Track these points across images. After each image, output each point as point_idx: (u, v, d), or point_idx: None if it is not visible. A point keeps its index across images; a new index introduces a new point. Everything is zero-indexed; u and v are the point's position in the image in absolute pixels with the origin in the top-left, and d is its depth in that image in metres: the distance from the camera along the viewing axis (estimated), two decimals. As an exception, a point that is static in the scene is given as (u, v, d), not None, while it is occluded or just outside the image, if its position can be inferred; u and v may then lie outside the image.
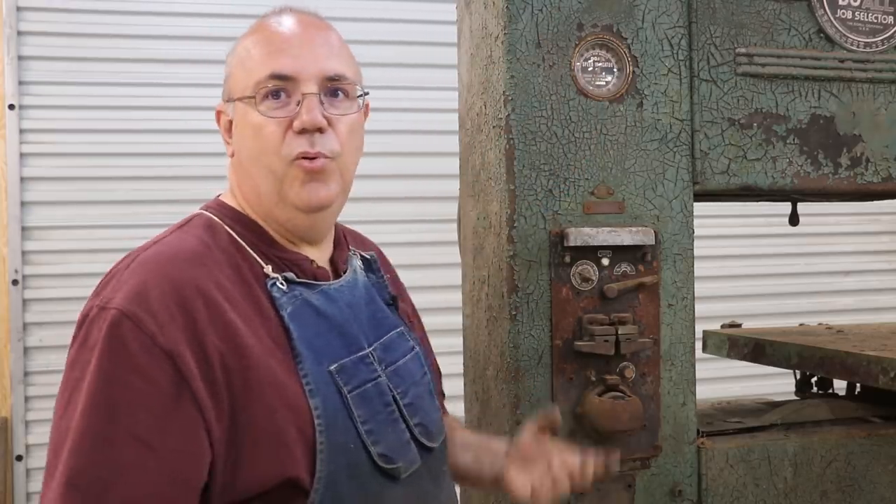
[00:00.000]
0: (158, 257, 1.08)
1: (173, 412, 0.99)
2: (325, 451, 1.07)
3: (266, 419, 1.04)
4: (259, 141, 1.15)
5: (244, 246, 1.16)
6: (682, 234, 1.67)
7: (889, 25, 1.80)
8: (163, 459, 0.98)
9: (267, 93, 1.14)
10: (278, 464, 1.04)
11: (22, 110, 3.61)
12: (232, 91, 1.19)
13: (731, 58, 1.70)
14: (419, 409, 1.24)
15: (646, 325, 1.63)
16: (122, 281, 1.05)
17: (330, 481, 1.07)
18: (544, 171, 1.61)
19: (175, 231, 1.16)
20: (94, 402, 0.98)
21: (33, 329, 3.61)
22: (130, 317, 1.00)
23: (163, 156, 3.69)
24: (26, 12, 3.63)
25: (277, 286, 1.13)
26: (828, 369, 1.91)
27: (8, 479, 3.54)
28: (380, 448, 1.14)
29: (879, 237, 4.52)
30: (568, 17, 1.62)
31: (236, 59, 1.20)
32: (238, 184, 1.22)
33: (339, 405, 1.11)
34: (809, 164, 1.75)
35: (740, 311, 3.45)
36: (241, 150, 1.19)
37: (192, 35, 3.72)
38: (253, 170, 1.17)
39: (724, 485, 1.69)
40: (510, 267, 1.59)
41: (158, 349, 0.99)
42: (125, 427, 0.97)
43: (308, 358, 1.11)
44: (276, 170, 1.14)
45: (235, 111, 1.18)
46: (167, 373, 0.99)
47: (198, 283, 1.05)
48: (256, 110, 1.14)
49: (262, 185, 1.16)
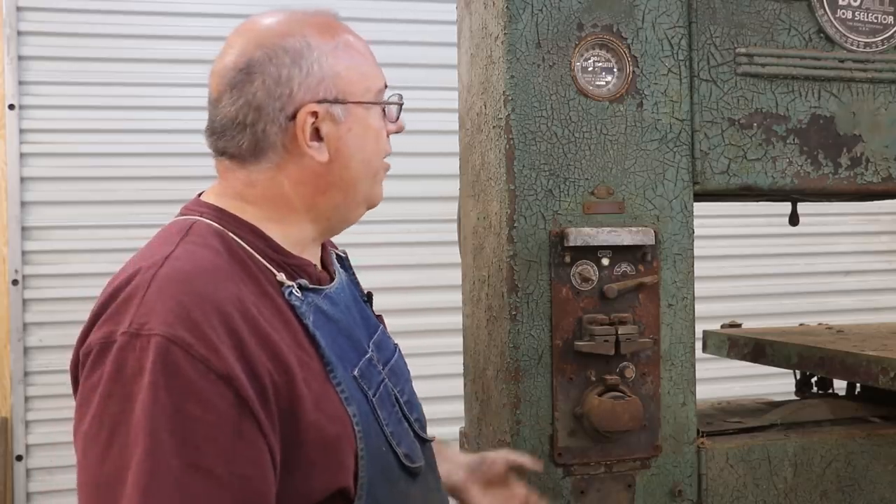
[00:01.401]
0: (184, 275, 1.00)
1: (238, 439, 0.95)
2: (365, 458, 1.07)
3: (314, 433, 1.02)
4: (378, 145, 1.20)
5: (254, 254, 1.10)
6: (682, 234, 1.67)
7: (889, 25, 1.80)
8: (233, 489, 0.94)
9: (396, 101, 1.23)
10: (330, 476, 1.03)
11: (22, 110, 3.61)
12: (345, 94, 1.15)
13: (731, 58, 1.70)
14: (414, 405, 1.26)
15: (646, 325, 1.63)
16: (149, 303, 0.97)
17: (371, 486, 1.07)
18: (544, 171, 1.61)
19: (180, 242, 1.07)
20: (156, 437, 0.91)
21: (33, 329, 3.61)
22: (179, 343, 0.94)
23: (163, 156, 3.69)
24: (26, 12, 3.63)
25: (295, 294, 1.10)
26: (828, 369, 1.91)
27: (8, 479, 3.54)
28: (403, 448, 1.15)
29: (879, 237, 4.52)
30: (568, 17, 1.61)
31: (337, 63, 1.15)
32: (313, 191, 1.16)
33: (368, 410, 1.11)
34: (809, 164, 1.75)
35: (740, 311, 3.45)
36: (354, 154, 1.16)
37: (192, 35, 3.72)
38: (362, 173, 1.18)
39: (724, 485, 1.69)
40: (510, 267, 1.59)
41: (214, 374, 0.94)
42: (193, 460, 0.92)
43: (337, 366, 1.09)
44: (380, 174, 1.22)
45: (348, 114, 1.15)
46: (227, 398, 0.94)
47: (234, 299, 1.00)
48: (383, 116, 1.21)
49: (360, 188, 1.19)
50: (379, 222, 3.80)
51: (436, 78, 3.73)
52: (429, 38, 3.84)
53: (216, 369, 0.94)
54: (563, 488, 1.59)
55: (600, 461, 1.61)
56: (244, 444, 0.95)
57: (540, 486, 1.58)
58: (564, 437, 1.59)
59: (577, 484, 1.60)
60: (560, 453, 1.59)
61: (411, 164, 3.87)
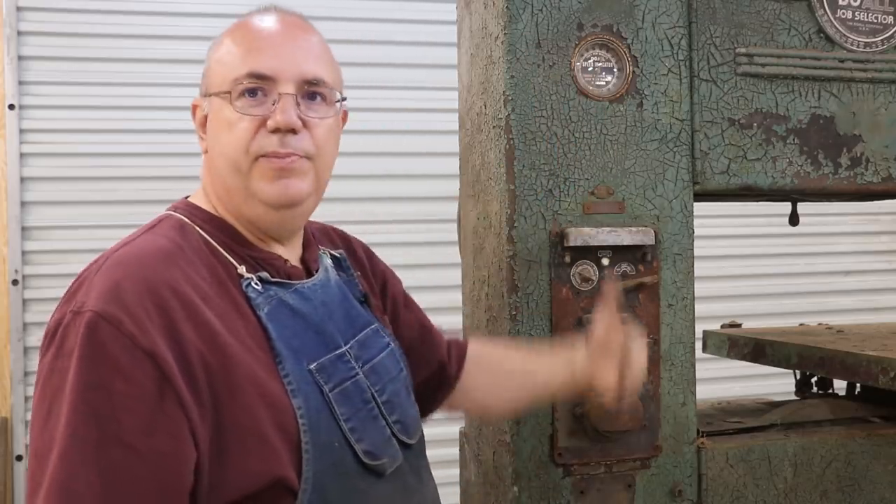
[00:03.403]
0: (129, 258, 1.05)
1: (158, 414, 0.97)
2: (310, 451, 1.07)
3: (250, 419, 1.03)
4: (231, 137, 1.14)
5: (216, 246, 1.15)
6: (682, 234, 1.67)
7: (889, 25, 1.80)
8: (150, 462, 0.96)
9: (243, 90, 1.13)
10: (265, 464, 1.03)
11: (22, 110, 3.61)
12: (209, 86, 1.18)
13: (731, 58, 1.70)
14: (397, 406, 1.24)
15: (646, 325, 1.63)
16: (93, 284, 1.02)
17: (317, 481, 1.07)
18: (544, 171, 1.61)
19: (144, 233, 1.13)
20: (78, 409, 0.95)
21: (33, 329, 3.61)
22: (108, 318, 0.98)
23: (163, 156, 3.69)
24: (26, 12, 3.63)
25: (252, 286, 1.12)
26: (828, 369, 1.91)
27: (8, 479, 3.54)
28: (364, 445, 1.14)
29: (879, 237, 4.52)
30: (568, 17, 1.61)
31: (215, 55, 1.19)
32: (210, 181, 1.21)
33: (321, 404, 1.11)
34: (809, 164, 1.75)
35: (740, 311, 3.45)
36: (213, 146, 1.18)
37: (192, 35, 3.72)
38: (222, 166, 1.16)
39: (724, 485, 1.69)
40: (510, 267, 1.59)
41: (139, 350, 0.97)
42: (111, 432, 0.95)
43: (288, 358, 1.10)
44: (242, 166, 1.14)
45: (211, 106, 1.18)
46: (149, 374, 0.97)
47: (172, 282, 1.03)
48: (231, 106, 1.14)
49: (230, 181, 1.16)
50: (379, 222, 3.81)
51: (436, 78, 3.73)
52: (429, 38, 3.84)
53: (141, 345, 0.97)
54: (563, 488, 1.59)
55: (600, 461, 1.61)
56: (165, 419, 0.97)
57: (540, 487, 1.58)
58: (564, 437, 1.59)
59: (577, 484, 1.60)
60: (560, 453, 1.59)
61: (411, 164, 3.87)
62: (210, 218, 1.18)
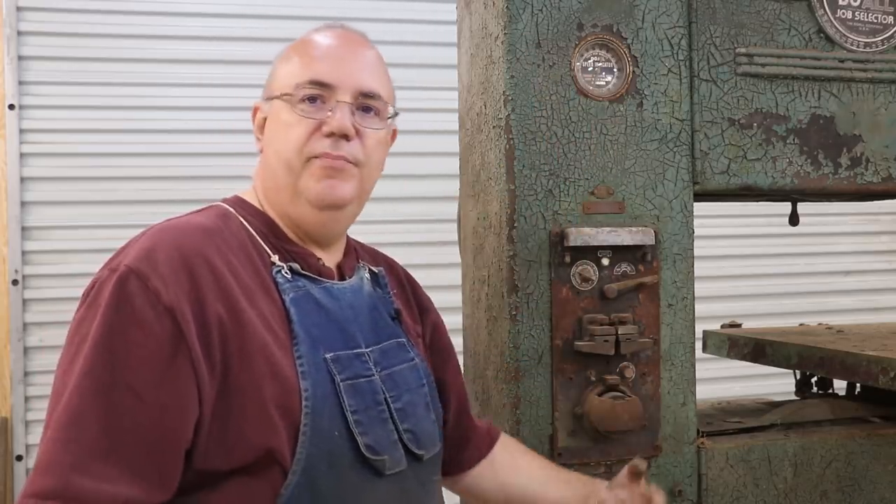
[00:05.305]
0: (169, 228, 1.14)
1: (169, 369, 1.03)
2: (307, 435, 1.09)
3: (255, 389, 1.07)
4: (287, 137, 1.21)
5: (255, 236, 1.21)
6: (682, 234, 1.67)
7: (889, 25, 1.80)
8: (153, 412, 1.01)
9: (304, 96, 1.21)
10: (261, 436, 1.06)
11: (22, 110, 3.61)
12: (272, 90, 1.26)
13: (731, 58, 1.70)
14: (410, 415, 1.24)
15: (646, 325, 1.63)
16: (131, 247, 1.10)
17: (308, 465, 1.08)
18: (544, 171, 1.61)
19: (189, 215, 1.21)
20: (97, 350, 1.01)
21: (33, 329, 3.61)
22: (137, 273, 1.05)
23: (163, 156, 3.69)
24: (26, 12, 3.63)
25: (282, 274, 1.18)
26: (828, 369, 1.90)
27: (8, 479, 3.54)
28: (367, 439, 1.14)
29: (879, 237, 4.52)
30: (568, 17, 1.62)
31: (281, 62, 1.27)
32: (261, 180, 1.27)
33: (330, 392, 1.13)
34: (809, 164, 1.75)
35: (740, 311, 3.45)
36: (269, 146, 1.25)
37: (192, 35, 3.71)
38: (276, 164, 1.23)
39: (724, 485, 1.69)
40: (510, 267, 1.59)
41: (161, 306, 1.03)
42: (122, 378, 1.01)
43: (305, 342, 1.14)
44: (295, 165, 1.20)
45: (271, 109, 1.25)
46: (167, 328, 1.03)
47: (204, 252, 1.10)
48: (291, 109, 1.21)
49: (281, 179, 1.22)
50: (379, 222, 3.80)
51: (436, 78, 3.72)
52: (429, 38, 3.84)
53: (164, 302, 1.04)
54: (563, 488, 1.59)
55: (600, 461, 1.61)
56: (174, 374, 1.03)
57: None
58: (564, 437, 1.59)
59: (577, 484, 1.60)
60: (560, 453, 1.59)
61: (411, 164, 3.87)
62: (256, 212, 1.25)
